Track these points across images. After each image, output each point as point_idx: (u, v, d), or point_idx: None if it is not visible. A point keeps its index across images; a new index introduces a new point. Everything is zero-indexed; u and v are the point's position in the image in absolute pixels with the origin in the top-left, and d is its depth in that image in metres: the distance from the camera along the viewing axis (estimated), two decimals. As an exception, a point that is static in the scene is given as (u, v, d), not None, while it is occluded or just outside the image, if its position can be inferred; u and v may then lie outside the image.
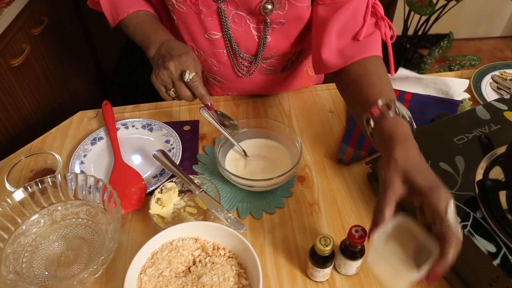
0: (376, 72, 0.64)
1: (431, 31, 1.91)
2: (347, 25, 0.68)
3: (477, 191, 0.59)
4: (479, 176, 0.61)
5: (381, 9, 0.70)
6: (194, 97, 0.70)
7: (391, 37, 0.71)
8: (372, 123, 0.56)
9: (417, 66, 1.92)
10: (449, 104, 0.88)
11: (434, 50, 1.74)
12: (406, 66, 1.88)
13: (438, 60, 1.74)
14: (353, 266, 0.60)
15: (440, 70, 1.73)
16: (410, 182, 0.47)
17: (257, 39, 0.77)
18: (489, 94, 0.93)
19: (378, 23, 0.70)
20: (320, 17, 0.71)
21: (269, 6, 0.70)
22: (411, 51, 1.93)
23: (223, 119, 0.77)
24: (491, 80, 0.97)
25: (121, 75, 1.64)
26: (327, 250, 0.55)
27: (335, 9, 0.69)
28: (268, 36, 0.76)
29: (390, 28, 0.71)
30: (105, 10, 0.78)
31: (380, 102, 0.56)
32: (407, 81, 0.92)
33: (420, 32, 1.90)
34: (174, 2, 0.73)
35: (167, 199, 0.69)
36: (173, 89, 0.69)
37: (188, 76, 0.66)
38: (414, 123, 0.55)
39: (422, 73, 0.98)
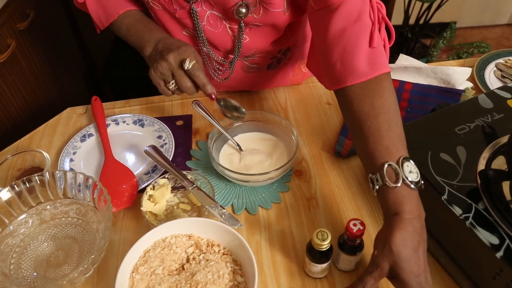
0: (386, 110, 0.57)
1: (434, 20, 1.91)
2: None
3: (479, 181, 0.59)
4: (481, 166, 0.62)
5: (383, 10, 0.64)
6: (196, 88, 0.69)
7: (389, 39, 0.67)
8: (377, 186, 0.54)
9: (419, 56, 1.92)
10: (451, 93, 0.88)
11: (438, 41, 1.75)
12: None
13: (444, 50, 1.75)
14: (352, 262, 0.60)
15: (449, 59, 1.74)
16: (396, 272, 0.50)
17: (233, 39, 0.76)
18: (493, 82, 0.94)
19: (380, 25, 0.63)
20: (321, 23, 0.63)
21: (243, 10, 0.69)
22: (412, 40, 1.93)
23: (226, 110, 0.73)
24: (495, 68, 0.97)
25: (112, 71, 1.63)
26: (324, 244, 0.55)
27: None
28: (245, 36, 0.75)
29: (390, 31, 0.66)
30: (92, 12, 0.78)
31: (386, 167, 0.53)
32: (407, 71, 0.92)
33: (421, 21, 1.90)
34: (149, 0, 0.73)
35: (159, 196, 0.69)
36: (172, 82, 0.68)
37: (188, 64, 0.65)
38: (422, 184, 0.54)
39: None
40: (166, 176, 0.71)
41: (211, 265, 0.57)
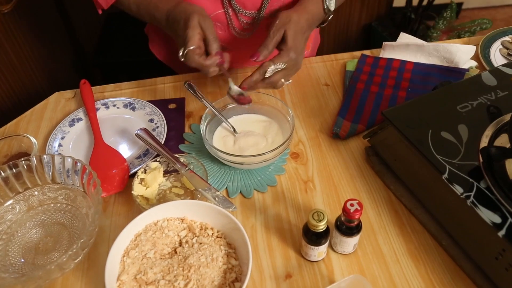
0: None
1: (438, 0, 1.90)
2: None
3: (481, 160, 0.60)
4: (483, 144, 0.62)
5: None
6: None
7: None
8: None
9: (423, 38, 1.92)
10: (454, 73, 0.88)
11: (438, 22, 1.74)
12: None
13: (444, 32, 1.74)
14: (349, 244, 0.61)
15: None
16: (285, 41, 0.72)
17: None
18: (499, 61, 0.94)
19: None
20: None
21: None
22: (416, 22, 1.92)
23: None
24: (500, 46, 0.97)
25: (102, 56, 1.63)
26: (320, 225, 0.56)
27: None
28: None
29: None
30: None
31: None
32: (408, 49, 0.92)
33: (425, 2, 1.89)
34: None
35: (151, 180, 0.70)
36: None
37: (181, 52, 0.68)
38: (330, 15, 0.78)
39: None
40: (158, 160, 0.72)
41: (205, 248, 0.58)
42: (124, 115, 0.86)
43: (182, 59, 0.69)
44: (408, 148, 0.65)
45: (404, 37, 0.96)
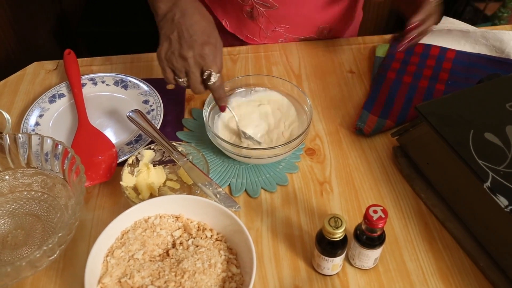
0: None
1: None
2: None
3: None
4: (534, 151, 0.62)
5: None
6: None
7: None
8: None
9: (471, 22, 1.90)
10: (505, 65, 0.88)
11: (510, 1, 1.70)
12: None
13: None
14: (370, 257, 0.61)
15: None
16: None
17: None
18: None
19: None
20: None
21: None
22: (462, 3, 1.91)
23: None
24: None
25: (88, 24, 1.64)
26: (338, 233, 0.56)
27: None
28: None
29: None
30: None
31: None
32: (450, 34, 0.92)
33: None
34: None
35: (155, 175, 0.70)
36: (184, 80, 0.70)
37: (213, 80, 0.68)
38: None
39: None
40: (152, 147, 0.72)
41: (202, 251, 0.59)
42: (114, 94, 0.87)
43: (212, 82, 0.69)
44: (444, 150, 0.65)
45: (448, 22, 0.96)
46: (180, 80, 0.70)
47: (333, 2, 0.93)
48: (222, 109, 0.75)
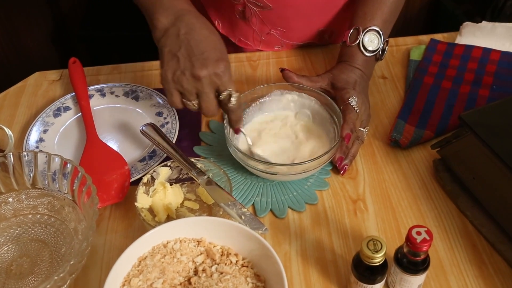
0: None
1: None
2: None
3: None
4: None
5: None
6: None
7: None
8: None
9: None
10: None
11: None
12: (494, 19, 1.85)
13: None
14: (413, 283, 0.61)
15: None
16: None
17: None
18: None
19: None
20: None
21: None
22: (502, -2, 1.91)
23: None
24: None
25: (89, 28, 1.65)
26: (377, 258, 0.57)
27: None
28: None
29: None
30: None
31: (352, 30, 0.83)
32: (494, 33, 0.93)
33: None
34: None
35: (172, 195, 0.71)
36: (195, 102, 0.70)
37: (234, 101, 0.68)
38: (380, 54, 0.85)
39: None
40: (168, 164, 0.73)
41: (227, 279, 0.59)
42: (124, 106, 0.88)
43: (233, 104, 0.69)
44: (493, 163, 0.65)
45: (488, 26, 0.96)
46: (190, 102, 0.70)
47: (332, 2, 0.92)
48: (237, 131, 0.74)
